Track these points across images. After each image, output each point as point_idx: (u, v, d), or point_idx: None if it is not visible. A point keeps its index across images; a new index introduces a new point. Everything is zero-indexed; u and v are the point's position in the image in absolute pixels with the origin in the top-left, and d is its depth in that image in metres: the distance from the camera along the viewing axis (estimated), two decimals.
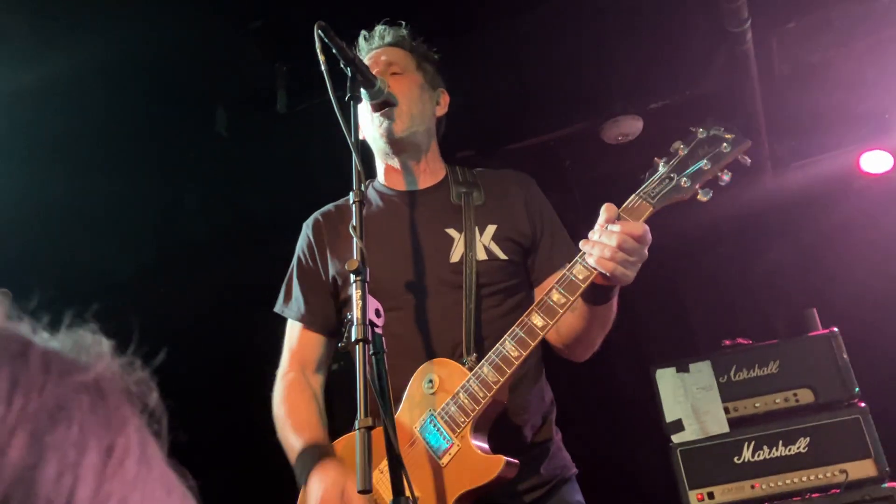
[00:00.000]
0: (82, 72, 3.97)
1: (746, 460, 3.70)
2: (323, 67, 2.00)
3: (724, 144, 1.88)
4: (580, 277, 1.92)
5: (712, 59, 4.05)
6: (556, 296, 1.94)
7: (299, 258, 2.46)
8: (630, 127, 4.42)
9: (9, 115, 4.05)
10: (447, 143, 2.58)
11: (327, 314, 2.38)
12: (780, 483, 3.63)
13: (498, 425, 2.06)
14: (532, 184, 2.48)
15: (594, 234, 1.89)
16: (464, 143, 4.39)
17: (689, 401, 3.84)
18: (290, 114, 4.25)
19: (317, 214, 2.50)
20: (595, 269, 1.89)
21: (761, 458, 3.69)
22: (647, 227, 1.87)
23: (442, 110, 2.51)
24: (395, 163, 2.42)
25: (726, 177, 1.87)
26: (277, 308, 2.48)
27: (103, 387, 0.57)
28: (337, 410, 2.49)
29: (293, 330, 2.44)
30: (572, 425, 2.40)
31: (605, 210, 1.90)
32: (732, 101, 4.16)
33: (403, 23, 2.55)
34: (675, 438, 3.81)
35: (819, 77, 4.23)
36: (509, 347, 1.97)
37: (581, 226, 2.04)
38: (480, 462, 1.94)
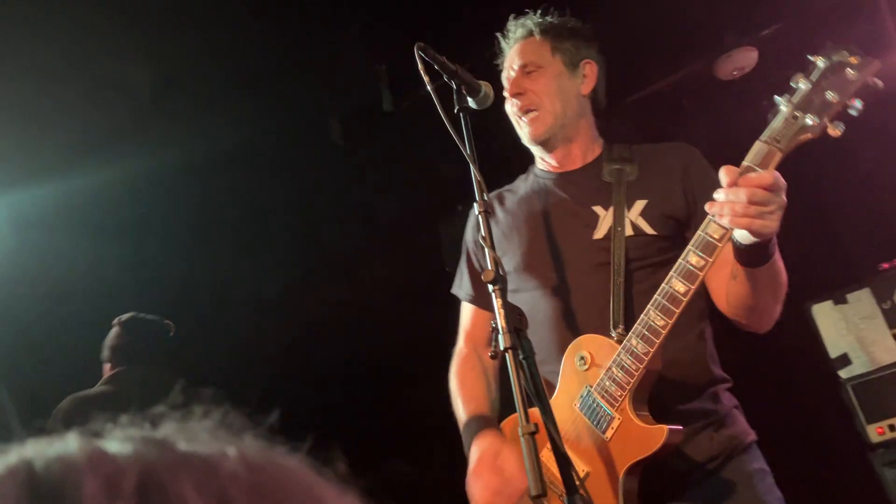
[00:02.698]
0: (208, 108, 4.25)
1: None
2: (429, 87, 2.03)
3: (849, 70, 1.70)
4: (716, 237, 1.83)
5: None
6: (693, 258, 1.87)
7: (465, 241, 2.57)
8: (744, 59, 4.22)
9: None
10: None
11: None
12: None
13: (659, 394, 2.04)
14: (692, 154, 2.37)
15: (719, 194, 1.79)
16: None
17: (853, 333, 3.65)
18: (399, 111, 4.34)
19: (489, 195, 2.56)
20: (729, 228, 1.80)
21: None
22: (777, 174, 1.74)
23: (590, 84, 2.43)
24: (547, 155, 2.44)
25: (857, 104, 1.69)
26: (453, 289, 2.59)
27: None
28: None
29: (465, 310, 2.54)
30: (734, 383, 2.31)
31: (725, 174, 1.78)
32: (852, 10, 3.90)
33: (529, 11, 2.48)
34: (844, 373, 3.64)
35: None
36: (654, 316, 1.93)
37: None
38: (644, 433, 1.95)
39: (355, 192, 5.06)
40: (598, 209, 2.27)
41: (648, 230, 2.21)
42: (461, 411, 2.34)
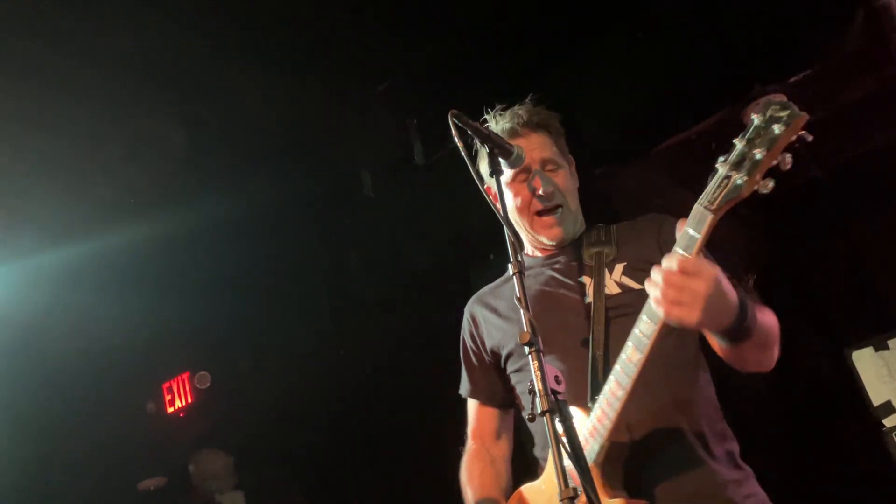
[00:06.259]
0: (242, 165, 4.33)
1: None
2: (463, 153, 2.04)
3: (776, 126, 1.66)
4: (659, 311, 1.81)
5: (849, 18, 3.84)
6: (643, 326, 1.86)
7: (463, 340, 2.58)
8: None
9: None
10: (587, 161, 2.57)
11: (494, 389, 2.50)
12: None
13: (639, 462, 1.99)
14: (665, 219, 2.37)
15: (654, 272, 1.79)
16: (604, 157, 4.36)
17: None
18: (429, 164, 4.39)
19: (473, 297, 2.60)
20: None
21: None
22: (693, 260, 1.73)
23: (577, 178, 2.52)
24: (552, 248, 2.47)
25: (788, 159, 1.66)
26: (461, 390, 2.61)
27: None
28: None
29: (470, 407, 2.58)
30: (764, 434, 2.25)
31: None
32: (876, 54, 3.91)
33: (531, 95, 2.53)
34: (888, 422, 3.54)
35: None
36: (612, 386, 1.93)
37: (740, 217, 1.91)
38: None
39: (387, 243, 5.09)
40: (584, 279, 2.31)
41: (634, 285, 2.21)
42: (470, 499, 2.38)
